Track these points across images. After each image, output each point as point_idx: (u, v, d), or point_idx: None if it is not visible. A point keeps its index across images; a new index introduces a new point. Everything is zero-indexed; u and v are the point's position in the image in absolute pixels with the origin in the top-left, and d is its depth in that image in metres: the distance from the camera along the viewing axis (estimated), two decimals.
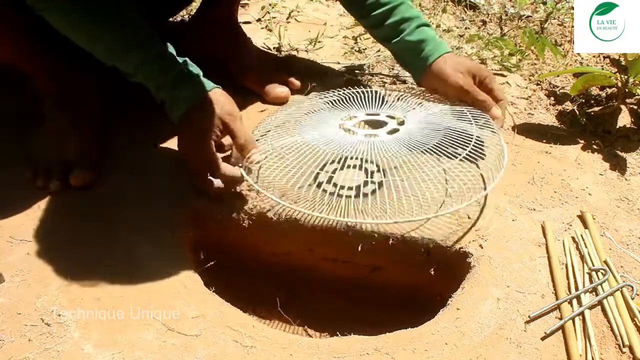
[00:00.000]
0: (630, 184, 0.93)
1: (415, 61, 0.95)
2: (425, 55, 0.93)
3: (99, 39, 0.79)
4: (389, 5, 0.95)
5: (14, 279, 0.72)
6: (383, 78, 1.13)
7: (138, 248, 0.77)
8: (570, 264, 0.78)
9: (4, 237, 0.77)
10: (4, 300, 0.69)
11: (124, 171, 0.89)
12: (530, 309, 0.72)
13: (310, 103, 0.98)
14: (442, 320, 0.70)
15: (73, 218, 0.81)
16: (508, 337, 0.69)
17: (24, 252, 0.75)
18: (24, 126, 0.92)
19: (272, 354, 0.66)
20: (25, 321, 0.67)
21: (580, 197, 0.89)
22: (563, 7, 1.42)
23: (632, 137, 1.02)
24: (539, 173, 0.93)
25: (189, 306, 0.70)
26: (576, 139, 1.02)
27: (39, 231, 0.78)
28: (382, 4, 0.95)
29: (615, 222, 0.85)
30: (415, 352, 0.67)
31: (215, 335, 0.67)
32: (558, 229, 0.83)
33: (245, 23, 1.27)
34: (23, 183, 0.85)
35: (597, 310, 0.72)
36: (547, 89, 1.14)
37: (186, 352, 0.65)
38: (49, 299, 0.70)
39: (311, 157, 0.77)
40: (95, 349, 0.65)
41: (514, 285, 0.75)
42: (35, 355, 0.64)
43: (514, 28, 1.34)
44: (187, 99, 0.80)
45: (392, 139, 0.82)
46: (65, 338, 0.66)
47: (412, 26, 0.94)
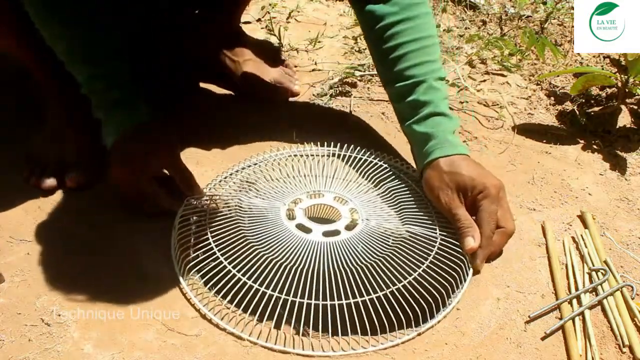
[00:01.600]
0: (630, 184, 0.93)
1: (419, 153, 0.83)
2: (426, 152, 0.81)
3: (60, 38, 0.77)
4: (412, 81, 0.82)
5: (14, 279, 0.72)
6: None
7: (138, 248, 0.77)
8: (570, 264, 0.78)
9: (4, 237, 0.77)
10: (4, 300, 0.69)
11: None
12: (530, 309, 0.72)
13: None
14: (442, 320, 0.70)
15: (73, 218, 0.81)
16: (508, 337, 0.69)
17: (24, 252, 0.75)
18: (25, 126, 0.92)
19: (271, 354, 0.66)
20: (25, 321, 0.67)
21: (580, 197, 0.89)
22: (563, 7, 1.42)
23: (632, 137, 1.02)
24: (539, 173, 0.93)
25: (189, 306, 0.70)
26: (576, 139, 1.02)
27: (39, 231, 0.78)
28: (408, 77, 0.83)
29: (615, 222, 0.85)
30: (416, 352, 0.67)
31: (215, 335, 0.67)
32: (558, 229, 0.83)
33: (245, 23, 1.27)
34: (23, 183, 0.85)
35: (597, 310, 0.72)
36: (547, 89, 1.14)
37: (186, 352, 0.65)
38: (49, 299, 0.70)
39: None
40: (95, 349, 0.65)
41: (514, 285, 0.75)
42: (35, 355, 0.64)
43: (514, 28, 1.34)
44: (119, 123, 0.78)
45: (354, 238, 0.74)
46: (65, 338, 0.66)
47: (424, 113, 0.82)
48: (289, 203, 0.80)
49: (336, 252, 0.72)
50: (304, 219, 0.78)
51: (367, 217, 0.78)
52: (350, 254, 0.72)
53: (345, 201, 0.82)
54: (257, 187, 0.83)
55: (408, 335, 0.68)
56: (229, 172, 0.87)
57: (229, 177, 0.86)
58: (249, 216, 0.77)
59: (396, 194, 0.83)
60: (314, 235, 0.75)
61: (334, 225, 0.77)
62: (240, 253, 0.72)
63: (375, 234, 0.76)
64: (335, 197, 0.82)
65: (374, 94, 1.10)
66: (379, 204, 0.81)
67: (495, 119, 1.06)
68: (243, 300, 0.69)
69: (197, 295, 0.71)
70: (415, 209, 0.81)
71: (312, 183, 0.84)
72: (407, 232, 0.76)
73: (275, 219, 0.77)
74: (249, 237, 0.74)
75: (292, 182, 0.84)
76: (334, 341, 0.67)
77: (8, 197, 0.83)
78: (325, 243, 0.74)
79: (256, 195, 0.82)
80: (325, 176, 0.85)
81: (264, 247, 0.73)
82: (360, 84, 1.12)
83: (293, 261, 0.71)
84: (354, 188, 0.84)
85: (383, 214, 0.80)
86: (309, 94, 1.10)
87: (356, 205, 0.80)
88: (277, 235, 0.74)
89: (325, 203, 0.81)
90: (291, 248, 0.73)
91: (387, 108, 1.06)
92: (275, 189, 0.83)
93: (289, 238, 0.74)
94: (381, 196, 0.83)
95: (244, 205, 0.79)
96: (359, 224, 0.77)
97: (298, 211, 0.79)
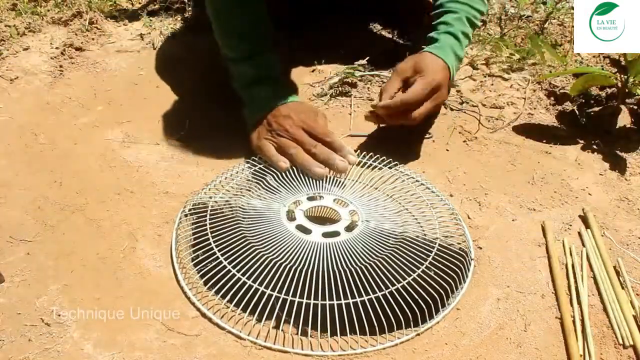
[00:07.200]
0: (630, 184, 0.93)
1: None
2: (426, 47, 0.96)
3: (222, 14, 0.95)
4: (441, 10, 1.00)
5: (14, 279, 0.72)
6: (383, 78, 1.13)
7: (138, 248, 0.77)
8: (570, 264, 0.78)
9: (4, 237, 0.77)
10: (4, 300, 0.69)
11: (124, 170, 0.89)
12: (530, 309, 0.72)
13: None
14: (442, 320, 0.70)
15: (73, 218, 0.81)
16: (508, 337, 0.69)
17: (24, 252, 0.75)
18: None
19: (271, 354, 0.66)
20: (25, 321, 0.67)
21: (580, 197, 0.89)
22: (563, 7, 1.42)
23: (632, 137, 1.02)
24: (539, 173, 0.93)
25: (189, 306, 0.70)
26: (576, 139, 1.02)
27: (39, 231, 0.78)
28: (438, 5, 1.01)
29: (615, 222, 0.85)
30: (415, 352, 0.67)
31: (215, 335, 0.67)
32: (558, 229, 0.83)
33: None
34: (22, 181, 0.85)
35: (597, 310, 0.72)
36: (547, 89, 1.14)
37: (186, 352, 0.65)
38: (49, 299, 0.70)
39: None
40: (95, 349, 0.65)
41: (514, 285, 0.75)
42: (35, 355, 0.64)
43: (514, 28, 1.34)
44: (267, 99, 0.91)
45: (354, 239, 0.75)
46: (65, 338, 0.66)
47: (441, 30, 0.97)
48: (289, 204, 0.80)
49: (336, 253, 0.72)
50: (304, 219, 0.78)
51: (367, 218, 0.78)
52: (350, 254, 0.72)
53: (345, 203, 0.82)
54: (258, 188, 0.83)
55: (408, 336, 0.68)
56: (229, 172, 0.87)
57: (229, 177, 0.86)
58: (249, 216, 0.77)
59: (396, 195, 0.83)
60: (313, 236, 0.75)
61: (334, 227, 0.77)
62: (240, 253, 0.72)
63: (375, 235, 0.76)
64: (335, 199, 0.82)
65: (374, 94, 1.10)
66: (379, 205, 0.81)
67: (495, 119, 1.06)
68: (243, 300, 0.69)
69: (197, 295, 0.71)
70: (415, 210, 0.81)
71: (312, 185, 0.84)
72: (407, 233, 0.76)
73: (275, 219, 0.77)
74: (249, 238, 0.74)
75: (292, 184, 0.84)
76: (334, 341, 0.67)
77: (8, 197, 0.83)
78: (325, 244, 0.74)
79: (256, 195, 0.82)
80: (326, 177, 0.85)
81: (264, 248, 0.73)
82: (360, 84, 1.12)
83: (293, 261, 0.71)
84: (353, 189, 0.84)
85: (383, 215, 0.80)
86: (309, 94, 1.10)
87: (356, 207, 0.80)
88: (277, 235, 0.74)
89: (325, 205, 0.82)
90: (291, 248, 0.73)
91: None
92: (276, 190, 0.83)
93: (289, 239, 0.74)
94: (381, 197, 0.83)
95: (244, 206, 0.79)
96: (358, 225, 0.77)
97: (298, 212, 0.79)
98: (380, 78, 1.13)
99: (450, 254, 0.74)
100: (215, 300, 0.71)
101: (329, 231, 0.76)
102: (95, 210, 0.82)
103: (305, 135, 0.87)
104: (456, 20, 0.97)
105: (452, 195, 0.88)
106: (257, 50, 0.95)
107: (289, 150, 0.86)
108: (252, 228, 0.75)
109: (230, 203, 0.80)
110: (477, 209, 0.86)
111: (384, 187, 0.85)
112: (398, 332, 0.68)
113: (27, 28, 1.24)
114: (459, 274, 0.74)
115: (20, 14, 1.28)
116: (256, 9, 0.96)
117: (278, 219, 0.77)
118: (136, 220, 0.81)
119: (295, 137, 0.87)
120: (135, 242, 0.78)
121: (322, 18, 1.27)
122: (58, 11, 1.31)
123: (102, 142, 0.95)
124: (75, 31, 1.23)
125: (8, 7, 1.31)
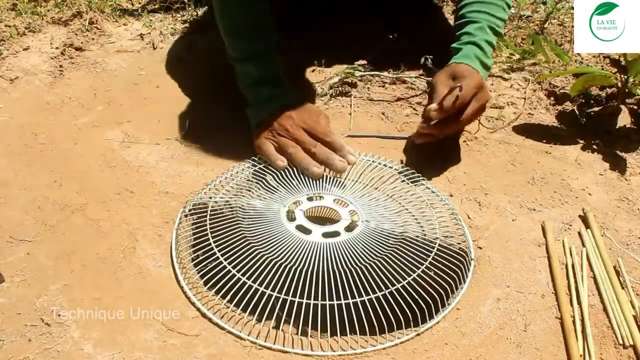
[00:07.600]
0: (630, 184, 0.93)
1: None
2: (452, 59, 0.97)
3: (226, 14, 0.96)
4: (463, 20, 1.03)
5: (14, 279, 0.72)
6: (383, 78, 1.13)
7: (138, 248, 0.77)
8: (570, 264, 0.78)
9: (4, 237, 0.77)
10: (4, 300, 0.69)
11: (124, 170, 0.89)
12: (530, 309, 0.72)
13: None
14: (442, 320, 0.70)
15: (73, 218, 0.81)
16: (508, 337, 0.69)
17: (24, 252, 0.75)
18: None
19: (271, 354, 0.66)
20: (25, 321, 0.67)
21: (580, 197, 0.89)
22: (563, 7, 1.42)
23: (632, 137, 1.02)
24: (539, 173, 0.93)
25: (189, 306, 0.70)
26: (576, 139, 1.02)
27: (39, 231, 0.78)
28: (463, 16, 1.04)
29: (615, 222, 0.85)
30: (415, 352, 0.67)
31: (215, 335, 0.67)
32: (558, 229, 0.83)
33: None
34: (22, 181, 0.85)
35: (597, 310, 0.72)
36: (547, 89, 1.14)
37: (186, 352, 0.65)
38: (49, 299, 0.70)
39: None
40: (95, 349, 0.65)
41: (514, 285, 0.75)
42: (35, 355, 0.64)
43: (514, 28, 1.34)
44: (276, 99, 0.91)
45: (354, 239, 0.74)
46: (65, 338, 0.66)
47: (464, 41, 1.00)
48: (289, 204, 0.80)
49: (336, 253, 0.72)
50: (304, 220, 0.78)
51: (366, 218, 0.78)
52: (350, 254, 0.72)
53: (345, 203, 0.82)
54: (258, 188, 0.83)
55: (408, 336, 0.68)
56: (229, 172, 0.87)
57: (229, 177, 0.86)
58: (249, 217, 0.77)
59: (396, 195, 0.83)
60: (313, 236, 0.75)
61: (334, 227, 0.77)
62: (240, 253, 0.72)
63: (375, 235, 0.76)
64: (335, 199, 0.82)
65: (374, 94, 1.10)
66: (379, 205, 0.81)
67: (495, 119, 1.06)
68: (243, 300, 0.69)
69: (197, 295, 0.71)
70: (415, 210, 0.81)
71: (312, 185, 0.84)
72: (407, 233, 0.76)
73: (275, 220, 0.77)
74: (249, 238, 0.74)
75: (292, 184, 0.84)
76: (334, 341, 0.67)
77: (8, 197, 0.83)
78: (325, 244, 0.74)
79: (256, 196, 0.82)
80: (326, 177, 0.85)
81: (264, 248, 0.73)
82: (360, 84, 1.12)
83: (293, 261, 0.71)
84: (353, 190, 0.84)
85: (383, 215, 0.80)
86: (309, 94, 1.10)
87: (356, 207, 0.80)
88: (277, 236, 0.74)
89: (325, 205, 0.81)
90: (291, 249, 0.73)
91: (387, 108, 1.06)
92: (276, 190, 0.83)
93: (289, 239, 0.74)
94: (381, 197, 0.83)
95: (244, 206, 0.79)
96: (358, 225, 0.77)
97: (298, 212, 0.79)
98: (380, 78, 1.13)
99: (450, 254, 0.74)
100: (215, 300, 0.71)
101: (329, 231, 0.76)
102: (95, 210, 0.82)
103: (305, 135, 0.87)
104: (478, 30, 0.99)
105: (452, 195, 0.88)
106: (261, 50, 0.95)
107: (287, 149, 0.86)
108: (252, 228, 0.75)
109: (231, 203, 0.80)
110: (477, 209, 0.86)
111: (384, 187, 0.85)
112: (398, 332, 0.68)
113: (27, 28, 1.24)
114: (459, 274, 0.74)
115: (20, 14, 1.29)
116: (260, 9, 0.96)
117: (278, 219, 0.77)
118: (136, 220, 0.81)
119: (295, 137, 0.87)
120: (135, 242, 0.78)
121: (322, 18, 1.28)
122: (58, 11, 1.31)
123: (102, 142, 0.95)
124: (75, 31, 1.24)
125: (8, 7, 1.31)
